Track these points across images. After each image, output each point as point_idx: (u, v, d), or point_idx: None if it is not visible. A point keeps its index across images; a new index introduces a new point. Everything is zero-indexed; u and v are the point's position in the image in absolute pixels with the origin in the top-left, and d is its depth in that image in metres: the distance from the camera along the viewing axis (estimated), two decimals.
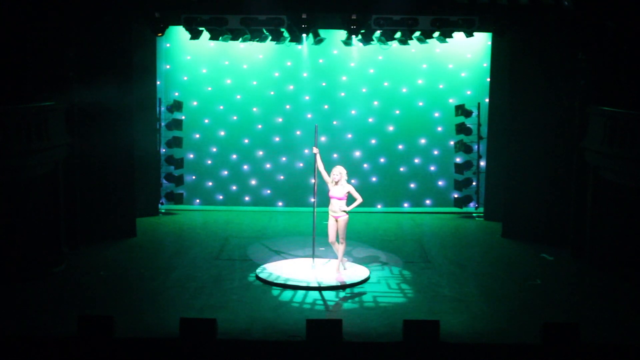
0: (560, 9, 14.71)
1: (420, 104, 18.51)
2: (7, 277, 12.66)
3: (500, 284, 13.11)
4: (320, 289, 12.55)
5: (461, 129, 17.92)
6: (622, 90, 14.27)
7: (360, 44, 16.57)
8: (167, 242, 15.90)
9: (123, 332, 9.91)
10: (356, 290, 12.64)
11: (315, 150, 13.14)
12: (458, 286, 12.96)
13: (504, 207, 16.55)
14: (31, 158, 13.15)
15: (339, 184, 12.90)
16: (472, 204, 18.52)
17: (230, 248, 15.26)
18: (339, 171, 12.92)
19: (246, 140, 18.67)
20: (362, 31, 15.75)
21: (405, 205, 18.88)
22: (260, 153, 18.72)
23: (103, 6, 14.96)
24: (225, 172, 18.79)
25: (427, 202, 18.85)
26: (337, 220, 13.00)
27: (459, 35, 16.17)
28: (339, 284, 12.72)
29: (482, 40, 17.77)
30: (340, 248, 13.12)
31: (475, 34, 15.95)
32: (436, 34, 15.91)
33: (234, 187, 18.81)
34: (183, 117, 18.23)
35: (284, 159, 18.68)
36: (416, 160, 18.72)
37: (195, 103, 18.52)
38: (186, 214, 18.35)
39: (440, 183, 18.78)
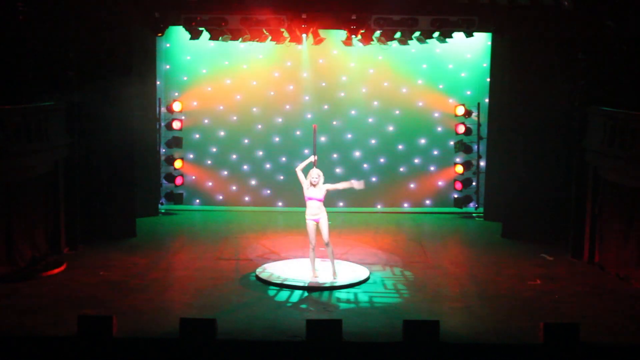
0: (560, 9, 14.72)
1: (420, 104, 18.52)
2: (7, 277, 12.65)
3: (500, 284, 13.10)
4: (320, 289, 12.54)
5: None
6: (622, 90, 14.27)
7: (360, 44, 16.56)
8: (167, 242, 15.90)
9: (123, 332, 9.91)
10: (356, 290, 12.63)
11: (313, 158, 13.07)
12: (458, 286, 12.96)
13: (504, 207, 16.55)
14: (31, 158, 13.15)
15: (317, 186, 12.83)
16: (472, 204, 18.52)
17: (230, 248, 15.26)
18: (318, 173, 12.84)
19: (246, 141, 18.68)
20: (362, 31, 15.74)
21: (405, 205, 18.88)
22: (260, 153, 18.74)
23: (103, 6, 14.97)
24: (225, 172, 18.79)
25: (427, 202, 18.86)
26: (317, 223, 12.84)
27: (458, 35, 16.15)
28: (339, 284, 12.71)
29: (482, 40, 17.76)
30: (329, 250, 12.95)
31: (475, 34, 15.95)
32: (436, 34, 15.90)
33: (234, 187, 18.82)
34: (183, 118, 18.24)
35: (283, 159, 18.68)
36: (416, 161, 18.72)
37: (195, 103, 18.52)
38: (186, 214, 18.35)
39: (440, 183, 18.78)
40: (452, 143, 18.37)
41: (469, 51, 18.11)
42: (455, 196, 18.45)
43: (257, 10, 15.18)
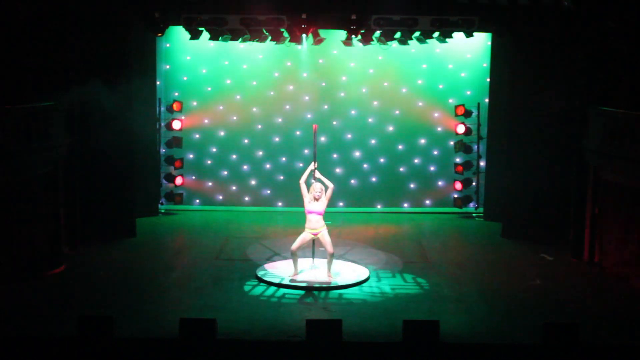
0: (560, 9, 14.72)
1: (420, 104, 18.52)
2: (7, 277, 12.66)
3: (500, 284, 13.11)
4: (320, 289, 12.55)
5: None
6: (622, 90, 14.28)
7: (360, 44, 16.56)
8: (167, 242, 15.90)
9: (123, 332, 9.92)
10: (356, 290, 12.63)
11: (313, 166, 13.05)
12: (458, 286, 12.96)
13: (504, 207, 16.55)
14: (31, 158, 13.15)
15: (320, 200, 12.84)
16: (472, 204, 18.52)
17: (230, 248, 15.26)
18: (321, 188, 12.86)
19: (246, 141, 18.67)
20: (362, 31, 15.74)
21: (405, 205, 18.87)
22: (260, 153, 18.72)
23: (103, 6, 14.98)
24: (225, 172, 18.79)
25: (427, 202, 18.85)
26: (316, 236, 12.83)
27: (458, 36, 16.15)
28: (339, 284, 12.71)
29: (482, 40, 17.76)
30: (330, 259, 12.89)
31: (475, 34, 15.94)
32: (436, 34, 15.90)
33: (234, 187, 18.81)
34: (183, 118, 18.24)
35: (283, 159, 18.67)
36: (416, 160, 18.72)
37: (195, 103, 18.52)
38: (186, 214, 18.34)
39: (440, 183, 18.78)
40: (452, 143, 18.36)
41: (469, 51, 18.11)
42: (455, 196, 18.45)
43: (257, 11, 15.17)
